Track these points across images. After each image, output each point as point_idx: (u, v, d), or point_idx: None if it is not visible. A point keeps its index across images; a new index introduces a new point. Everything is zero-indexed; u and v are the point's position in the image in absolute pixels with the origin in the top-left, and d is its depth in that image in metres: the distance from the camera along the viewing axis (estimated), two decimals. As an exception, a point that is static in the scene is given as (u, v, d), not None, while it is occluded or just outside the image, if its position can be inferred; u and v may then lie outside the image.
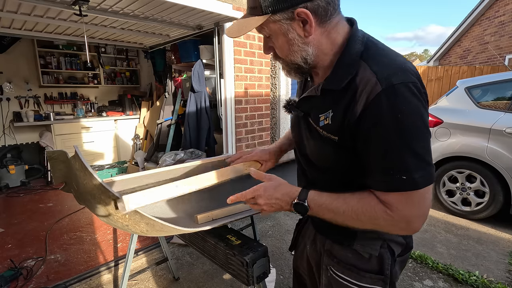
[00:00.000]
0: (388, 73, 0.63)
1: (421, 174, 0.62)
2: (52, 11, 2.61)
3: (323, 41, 0.71)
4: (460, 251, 2.49)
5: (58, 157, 0.93)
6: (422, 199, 0.64)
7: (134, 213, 0.75)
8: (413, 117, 0.62)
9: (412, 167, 0.62)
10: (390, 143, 0.63)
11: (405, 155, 0.62)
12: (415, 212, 0.65)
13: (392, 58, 0.67)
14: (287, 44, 0.72)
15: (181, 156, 3.03)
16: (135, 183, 1.23)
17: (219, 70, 3.12)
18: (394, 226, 0.67)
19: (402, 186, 0.63)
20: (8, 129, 4.42)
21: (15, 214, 3.23)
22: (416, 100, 0.63)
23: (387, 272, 0.79)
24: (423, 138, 0.63)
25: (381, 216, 0.67)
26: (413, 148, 0.62)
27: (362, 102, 0.64)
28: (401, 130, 0.61)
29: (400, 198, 0.64)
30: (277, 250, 2.52)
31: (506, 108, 2.87)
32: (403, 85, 0.62)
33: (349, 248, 0.81)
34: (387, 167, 0.64)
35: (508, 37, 7.40)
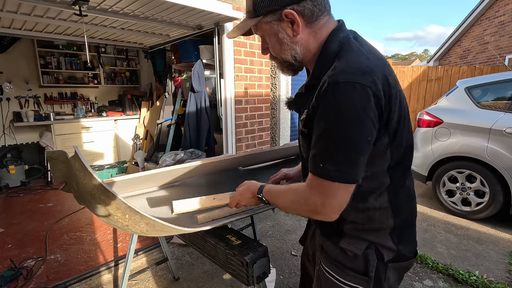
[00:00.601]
0: (339, 72, 0.67)
1: (335, 169, 0.66)
2: (52, 11, 2.60)
3: (310, 41, 0.77)
4: (460, 251, 2.49)
5: (58, 157, 0.93)
6: (333, 192, 0.68)
7: (135, 213, 0.75)
8: (347, 118, 0.64)
9: (330, 159, 0.67)
10: (323, 132, 0.67)
11: (329, 146, 0.67)
12: (322, 201, 0.69)
13: (356, 58, 0.69)
14: (278, 43, 0.79)
15: (181, 156, 3.03)
16: (135, 184, 1.23)
17: (219, 70, 3.12)
18: (306, 210, 0.74)
19: (318, 172, 0.68)
20: (8, 129, 4.42)
21: (15, 214, 3.23)
22: (357, 102, 0.64)
23: (371, 274, 0.78)
24: (350, 137, 0.65)
25: (300, 199, 0.74)
26: (338, 146, 0.66)
27: (316, 94, 0.71)
28: (333, 124, 0.66)
29: (315, 182, 0.70)
30: (277, 250, 2.52)
31: (506, 108, 2.87)
32: (348, 84, 0.64)
33: (336, 245, 0.84)
34: (315, 152, 0.70)
35: (508, 37, 7.40)
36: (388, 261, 0.80)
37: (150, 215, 0.75)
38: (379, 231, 0.80)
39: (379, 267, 0.79)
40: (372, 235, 0.80)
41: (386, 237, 0.80)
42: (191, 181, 1.47)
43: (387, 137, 0.72)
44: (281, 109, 4.09)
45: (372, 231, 0.80)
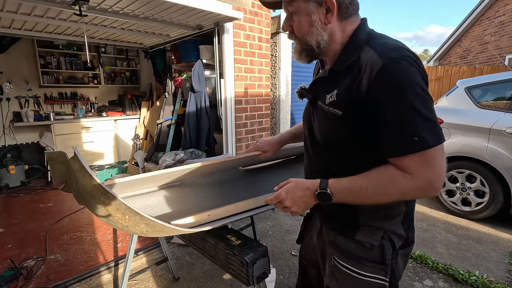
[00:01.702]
0: (387, 50, 0.71)
1: (430, 134, 0.66)
2: (52, 11, 2.60)
3: (338, 34, 0.81)
4: (460, 251, 2.49)
5: (58, 158, 0.93)
6: (436, 157, 0.68)
7: (134, 214, 0.75)
8: (414, 84, 0.67)
9: (420, 128, 0.67)
10: (398, 108, 0.68)
11: (413, 117, 0.67)
12: (433, 171, 0.68)
13: (390, 41, 0.75)
14: (308, 24, 0.80)
15: (181, 156, 3.03)
16: (135, 185, 1.23)
17: (219, 70, 3.12)
18: (417, 190, 0.70)
19: (415, 147, 0.67)
20: (8, 129, 4.42)
21: (15, 214, 3.23)
22: (414, 69, 0.69)
23: (388, 262, 0.82)
24: (426, 102, 0.68)
25: (402, 183, 0.70)
26: (419, 110, 0.67)
27: (367, 76, 0.71)
28: (406, 95, 0.67)
29: (416, 159, 0.68)
30: (277, 250, 2.52)
31: (506, 108, 2.87)
32: (401, 58, 0.69)
33: (351, 238, 0.85)
34: (398, 131, 0.69)
35: (508, 37, 7.39)
36: (398, 248, 0.84)
37: (150, 215, 0.75)
38: (393, 218, 0.83)
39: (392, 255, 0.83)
40: (387, 223, 0.83)
41: (399, 225, 0.84)
42: (191, 181, 1.47)
43: None
44: (281, 109, 4.09)
45: (387, 217, 0.83)
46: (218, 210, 1.05)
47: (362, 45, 0.76)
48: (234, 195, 1.33)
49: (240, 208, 1.11)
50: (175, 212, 1.18)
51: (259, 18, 3.38)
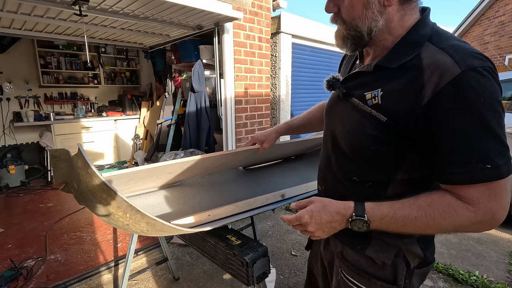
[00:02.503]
0: (466, 56, 0.59)
1: (505, 161, 0.57)
2: (52, 11, 2.60)
3: (395, 20, 0.67)
4: (460, 251, 2.49)
5: (61, 156, 0.93)
6: (504, 188, 0.59)
7: (135, 212, 0.75)
8: (495, 102, 0.58)
9: (495, 154, 0.57)
10: (472, 128, 0.57)
11: (489, 141, 0.57)
12: (498, 204, 0.59)
13: (463, 44, 0.63)
14: (362, 5, 0.66)
15: (181, 156, 3.03)
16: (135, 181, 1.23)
17: (219, 70, 3.12)
18: (478, 223, 0.61)
19: (486, 176, 0.57)
20: (8, 129, 4.41)
21: (15, 214, 3.23)
22: (496, 84, 0.59)
23: (400, 283, 0.74)
24: (503, 124, 0.59)
25: (463, 215, 0.60)
26: (497, 134, 0.57)
27: (433, 83, 0.59)
28: (484, 115, 0.57)
29: (483, 190, 0.58)
30: (277, 250, 2.52)
31: (506, 108, 2.87)
32: (483, 69, 0.58)
33: (361, 252, 0.77)
34: (467, 156, 0.58)
35: (508, 37, 7.40)
36: (414, 267, 0.76)
37: (150, 214, 0.75)
38: (409, 237, 0.74)
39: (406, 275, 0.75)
40: (401, 241, 0.74)
41: (414, 243, 0.75)
42: (191, 181, 1.47)
43: None
44: (281, 109, 4.09)
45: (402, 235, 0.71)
46: (218, 210, 1.05)
47: (424, 42, 0.64)
48: (234, 195, 1.33)
49: (240, 208, 1.11)
50: (175, 212, 1.18)
51: (259, 18, 3.38)
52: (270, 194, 1.20)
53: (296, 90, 4.40)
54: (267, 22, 3.51)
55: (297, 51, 4.26)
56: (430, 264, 0.79)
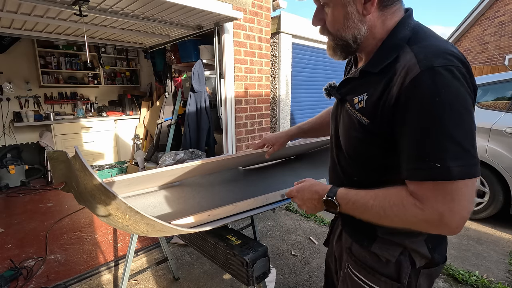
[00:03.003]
0: (429, 55, 0.60)
1: (459, 164, 0.56)
2: (52, 11, 2.60)
3: (378, 26, 0.70)
4: (460, 251, 2.49)
5: (58, 157, 0.93)
6: (459, 192, 0.58)
7: (135, 213, 0.75)
8: (453, 102, 0.58)
9: (448, 154, 0.57)
10: (427, 127, 0.59)
11: (442, 140, 0.57)
12: (448, 206, 0.58)
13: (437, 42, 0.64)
14: (343, 17, 0.70)
15: (181, 156, 3.03)
16: (135, 184, 1.23)
17: (219, 70, 3.11)
18: (427, 222, 0.61)
19: (433, 175, 0.58)
20: (8, 129, 4.42)
21: (15, 214, 3.23)
22: (458, 84, 0.58)
23: (404, 281, 0.75)
24: (464, 125, 0.58)
25: (410, 210, 0.62)
26: (452, 134, 0.57)
27: (399, 84, 0.62)
28: (439, 114, 0.57)
29: (431, 188, 0.59)
30: (277, 250, 2.52)
31: (506, 108, 2.87)
32: (444, 68, 0.58)
33: (367, 249, 0.79)
34: (421, 153, 0.60)
35: (508, 37, 7.40)
36: (421, 267, 0.76)
37: (150, 215, 0.75)
38: (415, 236, 0.74)
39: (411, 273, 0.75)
40: (407, 240, 0.74)
41: (421, 243, 0.74)
42: (191, 181, 1.47)
43: None
44: (281, 109, 4.09)
45: (408, 235, 0.73)
46: (218, 210, 1.05)
47: (403, 44, 0.66)
48: (234, 195, 1.33)
49: (240, 208, 1.11)
50: (175, 212, 1.18)
51: (259, 18, 3.38)
52: (270, 194, 1.20)
53: (296, 90, 4.39)
54: (267, 22, 3.51)
55: (297, 51, 4.26)
56: (439, 265, 0.78)
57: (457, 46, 6.40)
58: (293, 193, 0.86)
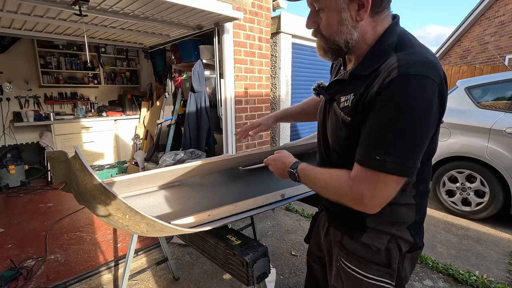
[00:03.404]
0: (408, 63, 0.65)
1: (394, 161, 0.64)
2: (52, 11, 2.60)
3: (369, 31, 0.74)
4: (460, 251, 2.49)
5: (58, 157, 0.93)
6: (384, 183, 0.67)
7: (135, 214, 0.75)
8: (413, 109, 0.63)
9: (389, 151, 0.65)
10: (383, 123, 0.66)
11: (389, 138, 0.65)
12: (371, 191, 0.68)
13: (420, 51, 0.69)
14: (337, 22, 0.73)
15: (181, 156, 3.03)
16: (135, 184, 1.23)
17: (219, 70, 3.11)
18: (352, 200, 0.72)
19: (371, 164, 0.67)
20: (8, 129, 4.41)
21: (15, 214, 3.23)
22: (426, 96, 0.64)
23: (394, 266, 0.81)
24: (414, 132, 0.64)
25: (343, 188, 0.72)
26: (400, 136, 0.64)
27: (378, 84, 0.67)
28: (397, 115, 0.64)
29: (364, 173, 0.68)
30: (277, 250, 2.52)
31: (506, 108, 2.87)
32: (418, 77, 0.63)
33: (358, 240, 0.84)
34: (370, 143, 0.68)
35: (508, 37, 7.40)
36: (405, 252, 0.84)
37: (150, 215, 0.75)
38: (400, 225, 0.82)
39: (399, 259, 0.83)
40: (393, 228, 0.81)
41: (405, 230, 0.82)
42: (191, 181, 1.47)
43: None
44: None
45: (394, 224, 0.81)
46: (218, 210, 1.05)
47: (390, 50, 0.71)
48: (234, 195, 1.33)
49: (240, 208, 1.11)
50: (175, 212, 1.18)
51: (259, 18, 3.38)
52: (270, 194, 1.20)
53: (296, 90, 4.39)
54: (267, 22, 3.50)
55: (297, 51, 4.26)
56: (420, 248, 0.88)
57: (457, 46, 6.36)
58: (269, 161, 1.01)
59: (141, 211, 0.73)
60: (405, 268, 0.85)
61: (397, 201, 0.77)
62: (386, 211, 0.77)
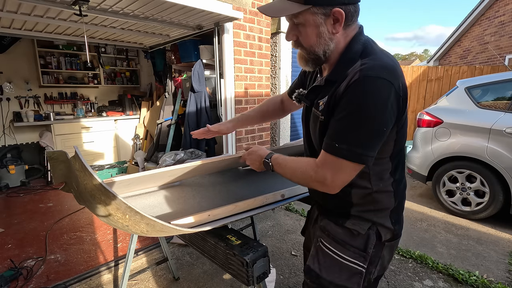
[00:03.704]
0: (370, 67, 0.75)
1: (349, 149, 0.74)
2: (52, 11, 2.60)
3: (341, 41, 0.84)
4: (460, 251, 2.49)
5: (58, 157, 0.93)
6: (342, 168, 0.77)
7: (135, 213, 0.75)
8: (375, 105, 0.73)
9: (346, 140, 0.75)
10: (343, 117, 0.75)
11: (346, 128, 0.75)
12: (331, 176, 0.78)
13: (381, 58, 0.79)
14: (316, 36, 0.82)
15: (181, 156, 3.03)
16: (135, 184, 1.23)
17: (219, 70, 3.11)
18: (316, 182, 0.81)
19: (332, 150, 0.77)
20: (8, 129, 4.42)
21: (15, 214, 3.23)
22: (382, 94, 0.73)
23: (369, 251, 0.89)
24: (368, 126, 0.74)
25: (308, 171, 0.82)
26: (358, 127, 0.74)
27: (345, 85, 0.77)
28: (356, 110, 0.73)
29: (327, 158, 0.78)
30: (277, 250, 2.52)
31: (506, 108, 2.87)
32: (376, 79, 0.73)
33: (341, 225, 0.92)
34: (332, 133, 0.78)
35: (508, 37, 7.39)
36: (385, 240, 0.92)
37: (150, 215, 0.75)
38: (382, 212, 0.90)
39: (377, 246, 0.90)
40: (375, 216, 0.90)
41: (386, 218, 0.91)
42: (191, 181, 1.47)
43: (395, 129, 0.82)
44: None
45: (376, 211, 0.90)
46: (218, 210, 1.05)
47: (357, 57, 0.80)
48: (234, 195, 1.33)
49: (240, 208, 1.11)
50: (175, 212, 1.18)
51: (259, 18, 3.38)
52: (270, 194, 1.20)
53: (296, 90, 4.39)
54: (267, 22, 3.50)
55: (297, 51, 4.26)
56: (398, 237, 0.96)
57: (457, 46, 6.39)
58: (246, 156, 1.11)
59: (141, 211, 0.73)
60: (383, 256, 0.93)
61: (378, 189, 0.88)
62: (368, 200, 0.88)
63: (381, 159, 0.86)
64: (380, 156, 0.84)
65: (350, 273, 0.89)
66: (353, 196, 0.89)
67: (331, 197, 0.87)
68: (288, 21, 0.86)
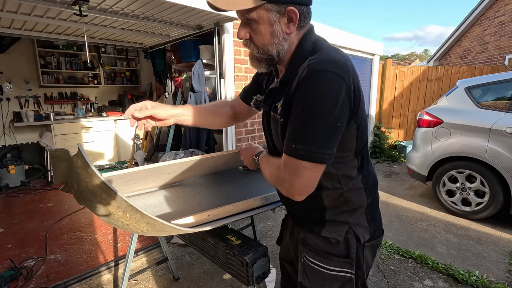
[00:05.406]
0: (316, 62, 0.72)
1: (302, 148, 0.71)
2: (52, 11, 2.60)
3: (294, 42, 0.81)
4: (460, 251, 2.49)
5: (60, 155, 0.93)
6: (299, 169, 0.72)
7: (135, 212, 0.75)
8: (320, 102, 0.69)
9: (300, 140, 0.71)
10: (297, 115, 0.72)
11: (300, 127, 0.71)
12: (290, 178, 0.74)
13: (328, 52, 0.76)
14: (270, 34, 0.78)
15: (181, 156, 3.03)
16: (135, 181, 1.23)
17: (219, 70, 3.12)
18: (280, 185, 0.79)
19: (289, 151, 0.73)
20: (8, 129, 4.42)
21: (15, 214, 3.23)
22: (331, 88, 0.69)
23: (353, 256, 0.86)
24: (321, 121, 0.70)
25: (275, 173, 0.81)
26: (308, 127, 0.70)
27: (295, 84, 0.75)
28: (306, 109, 0.70)
29: (287, 160, 0.74)
30: (277, 250, 2.52)
31: (506, 108, 2.87)
32: (324, 72, 0.70)
33: (318, 235, 0.89)
34: (288, 134, 0.75)
35: (508, 37, 7.40)
36: (364, 242, 0.89)
37: (150, 214, 0.75)
38: (356, 211, 0.87)
39: (358, 249, 0.88)
40: (351, 217, 0.87)
41: (362, 216, 0.88)
42: (191, 181, 1.47)
43: (355, 124, 0.79)
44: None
45: (350, 212, 0.87)
46: (218, 210, 1.05)
47: (307, 55, 0.78)
48: (234, 195, 1.33)
49: (240, 208, 1.11)
50: (175, 211, 1.18)
51: (259, 18, 3.38)
52: (270, 194, 1.20)
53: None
54: (267, 22, 3.51)
55: (297, 51, 4.26)
56: (379, 237, 0.94)
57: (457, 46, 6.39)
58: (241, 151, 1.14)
59: (141, 210, 0.73)
60: (366, 256, 0.91)
61: (348, 188, 0.85)
62: (341, 201, 0.86)
63: (346, 157, 0.84)
64: (345, 155, 0.83)
65: (340, 283, 0.88)
66: (324, 200, 0.86)
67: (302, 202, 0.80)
68: (240, 18, 0.82)
